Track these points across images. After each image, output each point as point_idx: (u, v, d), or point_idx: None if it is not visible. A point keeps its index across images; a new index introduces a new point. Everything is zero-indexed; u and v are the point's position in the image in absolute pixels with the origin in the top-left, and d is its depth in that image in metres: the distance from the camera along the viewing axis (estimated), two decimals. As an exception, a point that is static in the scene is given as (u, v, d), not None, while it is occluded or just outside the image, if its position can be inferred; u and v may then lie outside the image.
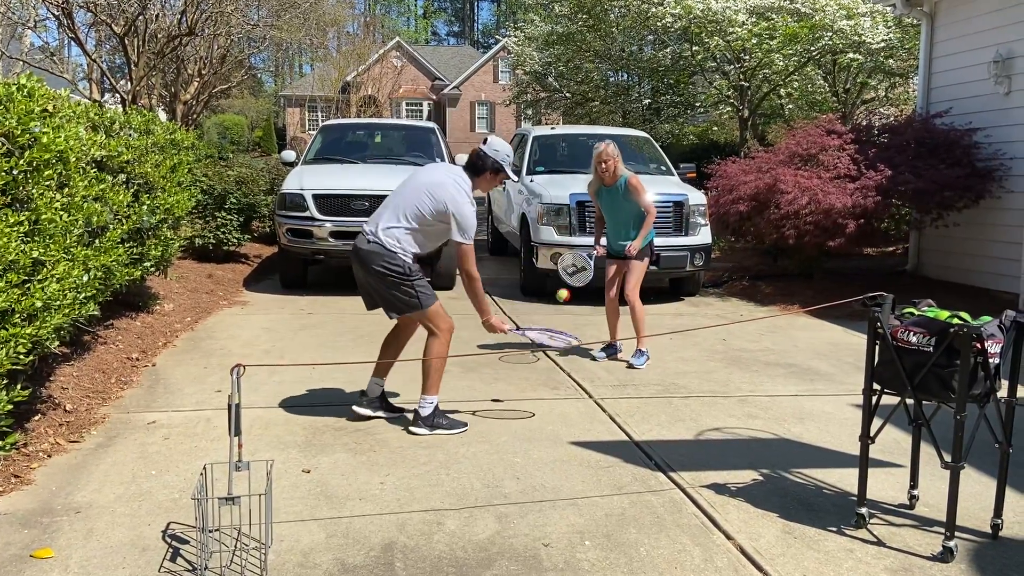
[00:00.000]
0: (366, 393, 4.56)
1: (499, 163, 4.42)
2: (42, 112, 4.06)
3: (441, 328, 4.38)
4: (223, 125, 31.53)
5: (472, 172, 4.43)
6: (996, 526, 3.29)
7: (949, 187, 8.17)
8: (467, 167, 4.45)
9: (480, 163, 4.42)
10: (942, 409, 3.24)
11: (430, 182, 4.32)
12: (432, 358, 4.37)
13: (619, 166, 5.96)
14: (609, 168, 5.92)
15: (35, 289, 3.71)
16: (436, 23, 69.24)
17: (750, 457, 4.16)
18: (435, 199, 4.26)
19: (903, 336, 3.13)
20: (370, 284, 4.36)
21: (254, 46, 18.80)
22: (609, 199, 6.08)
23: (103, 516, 3.32)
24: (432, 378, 4.39)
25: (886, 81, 15.32)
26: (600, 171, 5.98)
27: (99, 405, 4.70)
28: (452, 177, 4.34)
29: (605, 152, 5.93)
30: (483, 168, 4.43)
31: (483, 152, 4.44)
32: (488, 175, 4.45)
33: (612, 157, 5.92)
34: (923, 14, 9.77)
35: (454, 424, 4.42)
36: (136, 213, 5.64)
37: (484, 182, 4.48)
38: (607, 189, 6.05)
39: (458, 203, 4.24)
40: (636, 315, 5.99)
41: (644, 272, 6.10)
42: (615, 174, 5.95)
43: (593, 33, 17.12)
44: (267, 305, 8.00)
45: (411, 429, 4.37)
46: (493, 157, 4.42)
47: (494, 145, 4.47)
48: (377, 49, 32.26)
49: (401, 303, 4.33)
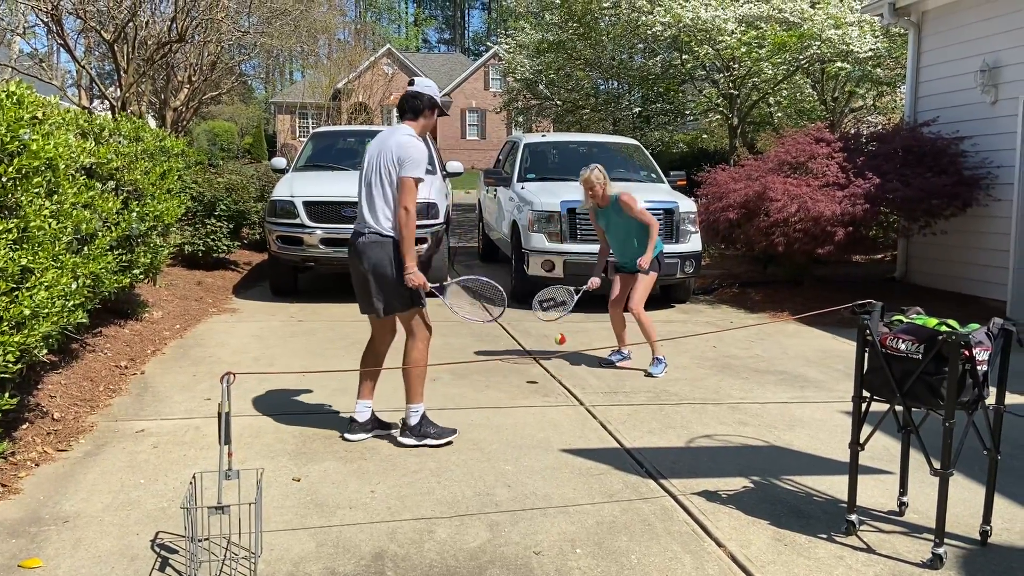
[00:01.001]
0: (355, 419, 4.45)
1: (433, 98, 4.37)
2: (31, 119, 4.05)
3: (422, 334, 4.36)
4: (213, 132, 31.48)
5: (412, 114, 4.36)
6: (985, 533, 3.31)
7: (937, 195, 8.23)
8: (407, 112, 4.38)
9: (418, 103, 4.35)
10: (931, 416, 3.26)
11: (380, 148, 4.29)
12: (413, 367, 4.33)
13: (607, 188, 6.00)
14: (597, 194, 5.99)
15: (23, 297, 3.69)
16: (427, 31, 69.40)
17: (741, 464, 4.17)
18: (390, 153, 4.21)
19: (892, 343, 3.15)
20: (369, 280, 4.27)
21: (244, 53, 18.77)
22: (606, 218, 6.14)
23: (91, 525, 3.30)
24: (415, 386, 4.35)
25: (874, 90, 15.42)
26: (588, 197, 6.07)
27: (87, 413, 4.67)
28: (393, 132, 4.32)
29: (589, 179, 5.97)
30: (420, 108, 4.35)
31: (417, 91, 4.38)
32: (427, 113, 4.38)
33: (598, 183, 5.96)
34: (910, 24, 9.85)
35: (443, 432, 4.38)
36: (125, 220, 5.62)
37: (425, 121, 4.39)
38: (603, 209, 6.13)
39: (403, 144, 4.19)
40: (645, 328, 5.97)
41: (651, 286, 6.10)
42: (605, 197, 6.01)
43: (583, 41, 17.17)
44: (257, 312, 7.97)
45: (399, 440, 4.33)
46: (427, 93, 4.37)
47: (422, 83, 4.43)
48: (368, 56, 32.31)
49: (398, 300, 4.27)
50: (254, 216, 10.76)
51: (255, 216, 10.79)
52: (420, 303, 4.31)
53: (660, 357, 5.99)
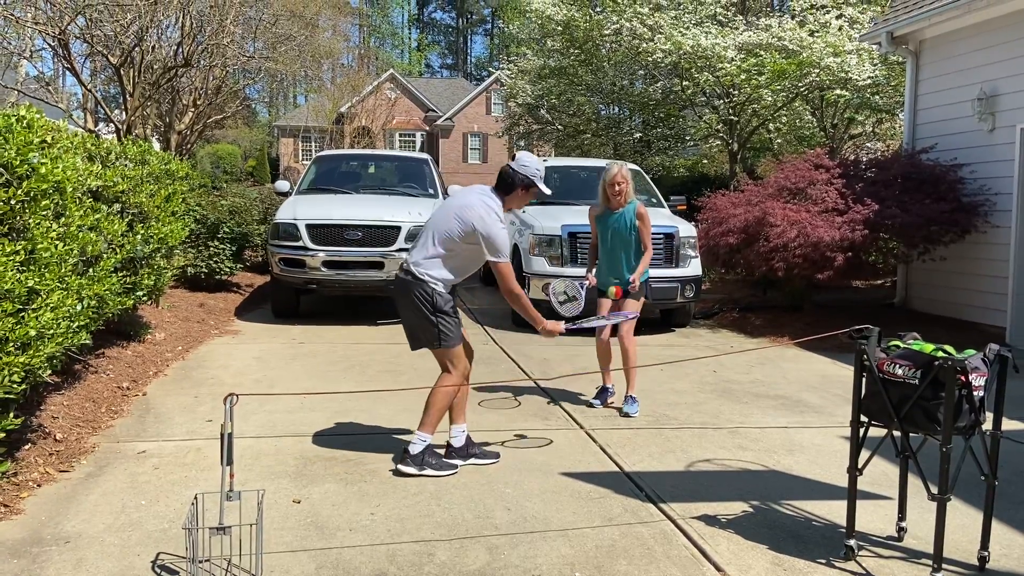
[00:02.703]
0: (452, 445, 4.44)
1: (529, 177, 4.33)
2: (40, 143, 4.11)
3: (455, 370, 4.34)
4: (217, 155, 31.66)
5: (502, 190, 4.34)
6: (983, 558, 3.31)
7: (935, 221, 8.28)
8: (497, 186, 4.37)
9: (509, 180, 4.33)
10: (929, 441, 3.28)
11: (460, 205, 4.28)
12: (438, 396, 4.31)
13: (630, 190, 5.66)
14: (622, 191, 5.58)
15: (29, 318, 3.73)
16: (430, 56, 69.97)
17: (740, 488, 4.18)
18: (463, 221, 4.20)
19: (889, 368, 3.17)
20: (404, 315, 4.34)
21: (249, 77, 18.96)
22: (612, 225, 5.66)
23: (92, 546, 3.31)
24: (432, 416, 4.31)
25: (873, 117, 15.54)
26: (611, 194, 5.60)
27: (89, 434, 4.69)
28: (481, 198, 4.28)
29: (620, 174, 5.58)
30: (513, 185, 4.33)
31: (512, 168, 4.35)
32: (519, 191, 4.35)
33: (626, 180, 5.59)
34: (908, 52, 9.97)
35: (443, 465, 4.31)
36: (130, 242, 5.67)
37: (516, 199, 4.38)
38: (612, 215, 5.66)
39: (486, 223, 4.18)
40: (629, 360, 5.59)
41: (639, 311, 5.65)
42: (626, 199, 5.62)
43: (585, 67, 17.35)
44: (259, 334, 8.00)
45: (399, 468, 4.27)
46: (522, 172, 4.33)
47: (523, 160, 4.38)
48: (371, 81, 32.57)
49: (423, 335, 4.30)
50: (257, 238, 10.82)
51: (258, 238, 10.85)
52: (445, 344, 4.27)
53: (634, 396, 5.60)
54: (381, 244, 8.50)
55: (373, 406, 5.49)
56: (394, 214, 8.66)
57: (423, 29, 70.11)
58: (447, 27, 71.34)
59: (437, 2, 70.19)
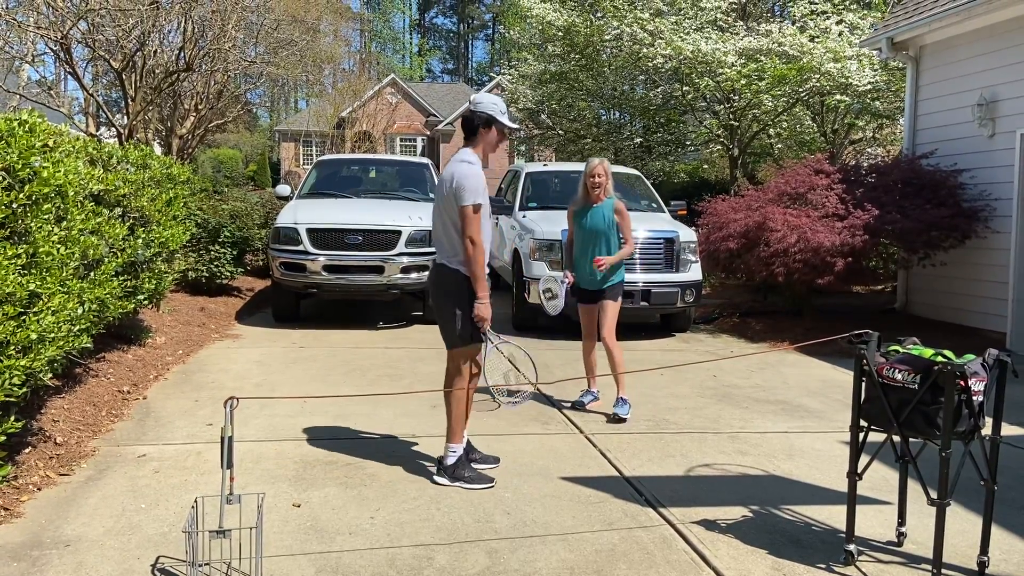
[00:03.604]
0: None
1: (486, 114, 4.13)
2: (42, 147, 4.12)
3: (461, 374, 4.27)
4: (218, 159, 31.72)
5: (468, 138, 4.17)
6: (983, 564, 3.31)
7: (935, 227, 8.29)
8: (465, 137, 4.20)
9: (469, 124, 4.15)
10: (928, 446, 3.28)
11: (442, 179, 4.17)
12: (451, 404, 4.27)
13: (610, 186, 5.67)
14: (601, 184, 5.61)
15: (31, 321, 3.74)
16: (431, 61, 70.09)
17: (740, 493, 4.18)
18: (447, 184, 4.08)
19: (888, 373, 3.18)
20: (436, 309, 4.27)
21: (251, 82, 18.98)
22: (590, 221, 5.64)
23: (92, 549, 3.31)
24: (453, 426, 4.27)
25: (873, 122, 15.56)
26: (590, 186, 5.62)
27: (89, 438, 4.69)
28: (453, 159, 4.17)
29: (599, 168, 5.62)
30: (474, 127, 4.14)
31: (470, 111, 4.17)
32: (483, 132, 4.15)
33: (606, 174, 5.62)
34: (908, 58, 9.98)
35: (477, 478, 4.20)
36: (131, 246, 5.68)
37: (483, 142, 4.18)
38: (590, 210, 5.66)
39: (455, 173, 4.04)
40: (615, 360, 5.54)
41: (618, 312, 5.69)
42: (605, 193, 5.65)
43: (585, 72, 17.38)
44: (259, 338, 8.00)
45: (435, 479, 4.22)
46: (479, 111, 4.13)
47: (477, 100, 4.20)
48: (372, 86, 32.64)
49: (445, 327, 4.23)
50: (257, 243, 10.83)
51: (259, 243, 10.86)
52: (470, 341, 4.20)
53: (625, 397, 5.55)
54: (382, 248, 8.51)
55: (374, 410, 5.49)
56: (395, 218, 8.67)
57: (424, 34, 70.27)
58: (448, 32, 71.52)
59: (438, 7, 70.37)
